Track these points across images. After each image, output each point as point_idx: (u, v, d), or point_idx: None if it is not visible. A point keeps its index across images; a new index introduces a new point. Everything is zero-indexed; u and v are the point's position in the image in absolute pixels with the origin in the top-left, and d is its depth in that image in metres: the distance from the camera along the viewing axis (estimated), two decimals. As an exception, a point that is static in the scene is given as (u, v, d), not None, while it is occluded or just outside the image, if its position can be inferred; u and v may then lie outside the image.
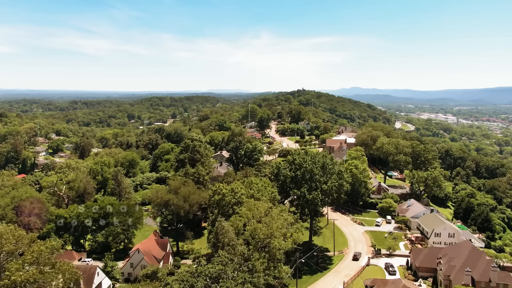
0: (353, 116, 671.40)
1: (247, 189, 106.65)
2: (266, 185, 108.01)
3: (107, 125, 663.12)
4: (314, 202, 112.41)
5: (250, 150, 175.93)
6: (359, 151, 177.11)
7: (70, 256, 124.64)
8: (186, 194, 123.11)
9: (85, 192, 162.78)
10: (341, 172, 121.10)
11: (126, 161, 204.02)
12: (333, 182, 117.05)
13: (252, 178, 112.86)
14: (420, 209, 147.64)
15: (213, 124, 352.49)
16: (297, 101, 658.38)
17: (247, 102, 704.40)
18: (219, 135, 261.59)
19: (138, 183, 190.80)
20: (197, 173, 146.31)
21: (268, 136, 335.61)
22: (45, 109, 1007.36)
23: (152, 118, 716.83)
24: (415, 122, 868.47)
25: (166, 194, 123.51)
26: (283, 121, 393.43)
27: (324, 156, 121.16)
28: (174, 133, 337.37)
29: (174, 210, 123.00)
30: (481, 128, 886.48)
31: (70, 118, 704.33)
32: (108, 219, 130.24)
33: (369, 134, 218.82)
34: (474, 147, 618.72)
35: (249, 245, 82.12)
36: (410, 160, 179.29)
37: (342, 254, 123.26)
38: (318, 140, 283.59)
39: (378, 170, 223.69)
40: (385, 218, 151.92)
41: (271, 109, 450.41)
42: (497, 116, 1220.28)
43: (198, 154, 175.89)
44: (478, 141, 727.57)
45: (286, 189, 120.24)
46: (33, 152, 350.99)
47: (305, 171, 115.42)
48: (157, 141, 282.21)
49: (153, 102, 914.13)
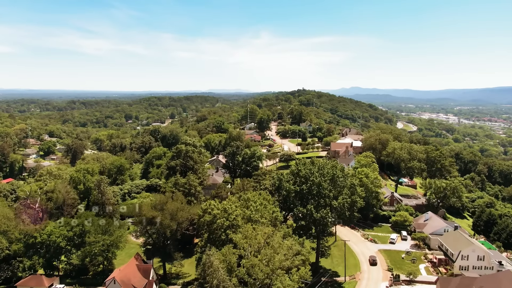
0: (355, 116, 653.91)
1: (243, 208, 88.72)
2: (266, 203, 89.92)
3: (103, 126, 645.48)
4: (323, 222, 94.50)
5: (248, 157, 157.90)
6: (369, 157, 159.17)
7: (39, 282, 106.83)
8: (174, 210, 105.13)
9: (65, 203, 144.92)
10: (353, 186, 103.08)
11: (113, 167, 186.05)
12: (345, 197, 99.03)
13: (249, 194, 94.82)
14: (440, 224, 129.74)
15: (211, 126, 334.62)
16: (298, 101, 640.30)
17: (246, 102, 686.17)
18: (216, 138, 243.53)
19: (126, 191, 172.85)
20: (188, 183, 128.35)
21: (268, 138, 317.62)
22: (43, 109, 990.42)
23: (150, 118, 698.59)
24: (417, 123, 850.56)
25: (150, 211, 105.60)
26: (284, 122, 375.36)
27: (334, 167, 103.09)
28: (169, 135, 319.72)
29: (160, 229, 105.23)
30: (483, 129, 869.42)
31: (66, 119, 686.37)
32: (84, 237, 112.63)
33: (378, 138, 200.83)
34: (478, 148, 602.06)
35: (245, 286, 64.30)
36: (425, 167, 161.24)
37: (355, 280, 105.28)
38: (321, 142, 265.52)
39: (387, 177, 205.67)
40: (400, 234, 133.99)
41: (271, 110, 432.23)
42: (498, 116, 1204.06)
43: (191, 160, 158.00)
44: (482, 141, 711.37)
45: (289, 205, 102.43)
46: (23, 154, 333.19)
47: (312, 185, 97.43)
48: (151, 144, 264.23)
49: (151, 102, 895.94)
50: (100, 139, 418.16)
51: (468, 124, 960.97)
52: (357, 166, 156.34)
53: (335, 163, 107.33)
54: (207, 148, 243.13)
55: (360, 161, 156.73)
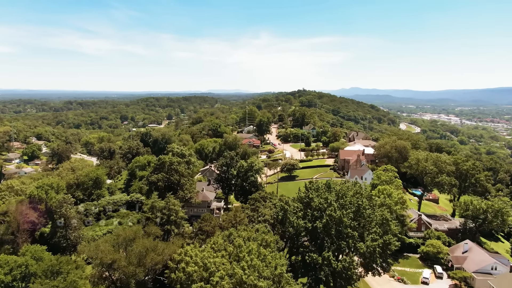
0: (358, 118, 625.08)
1: (232, 256, 60.57)
2: (266, 252, 61.45)
3: (98, 127, 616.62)
4: (345, 274, 66.38)
5: (244, 170, 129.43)
6: (391, 171, 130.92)
7: None
8: (142, 252, 76.90)
9: (19, 229, 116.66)
10: (386, 221, 74.83)
11: (88, 180, 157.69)
12: (375, 238, 70.91)
13: (243, 235, 66.51)
14: (485, 259, 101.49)
15: (206, 129, 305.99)
16: (298, 101, 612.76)
17: (246, 102, 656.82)
18: (210, 144, 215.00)
19: (101, 209, 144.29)
20: (167, 208, 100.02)
21: (268, 142, 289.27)
22: (39, 109, 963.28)
23: (147, 119, 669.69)
24: (420, 124, 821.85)
25: (111, 252, 77.38)
26: (285, 124, 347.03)
27: (358, 194, 74.85)
28: (161, 139, 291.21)
29: (123, 278, 77.14)
30: (487, 130, 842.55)
31: (60, 120, 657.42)
32: (28, 282, 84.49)
33: (394, 145, 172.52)
34: (484, 150, 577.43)
35: None
36: (456, 183, 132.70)
37: None
38: (326, 148, 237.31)
39: (405, 190, 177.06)
40: (433, 270, 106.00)
41: (271, 111, 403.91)
42: (500, 117, 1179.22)
43: (177, 174, 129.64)
44: (487, 143, 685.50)
45: (297, 248, 74.33)
46: (5, 160, 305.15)
47: (329, 221, 69.36)
48: (138, 149, 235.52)
49: (149, 103, 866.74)
50: (90, 142, 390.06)
51: (471, 125, 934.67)
52: (376, 181, 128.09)
53: (359, 188, 78.96)
54: (200, 155, 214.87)
55: (379, 176, 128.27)
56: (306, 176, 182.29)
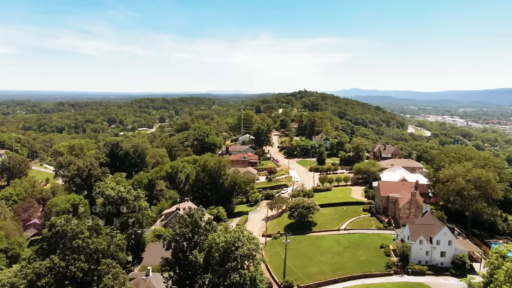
0: (365, 121, 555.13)
1: None
2: None
3: (82, 131, 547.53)
4: None
5: (221, 252, 61.08)
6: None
7: None
8: None
9: None
10: None
11: None
12: None
13: None
14: None
15: (191, 138, 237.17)
16: (301, 103, 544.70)
17: (244, 104, 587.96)
18: (187, 166, 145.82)
19: None
20: None
21: (269, 156, 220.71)
22: (29, 111, 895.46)
23: (136, 123, 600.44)
24: (429, 127, 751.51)
25: None
26: (288, 131, 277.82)
27: None
28: (133, 152, 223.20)
29: None
30: (497, 132, 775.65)
31: (43, 123, 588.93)
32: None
33: (467, 176, 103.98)
34: (504, 156, 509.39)
35: None
36: None
37: None
38: (348, 168, 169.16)
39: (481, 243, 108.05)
40: None
41: (271, 115, 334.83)
42: (506, 119, 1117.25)
43: (81, 262, 61.12)
44: (504, 148, 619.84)
45: None
46: None
47: None
48: (91, 171, 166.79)
49: (142, 104, 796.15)
50: (59, 151, 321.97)
51: (479, 128, 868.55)
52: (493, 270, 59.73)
53: None
54: (172, 182, 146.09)
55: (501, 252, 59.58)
56: (327, 224, 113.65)
